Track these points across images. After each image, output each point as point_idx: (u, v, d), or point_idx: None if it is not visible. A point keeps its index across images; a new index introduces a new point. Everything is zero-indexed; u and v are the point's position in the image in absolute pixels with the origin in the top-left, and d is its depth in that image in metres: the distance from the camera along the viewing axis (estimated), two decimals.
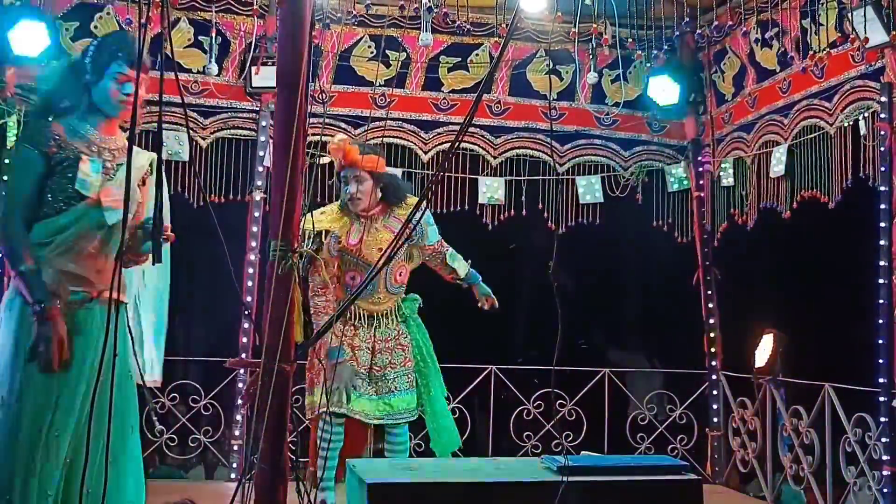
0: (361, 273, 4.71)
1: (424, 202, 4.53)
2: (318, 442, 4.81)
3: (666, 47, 6.43)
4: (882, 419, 5.05)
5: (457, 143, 4.11)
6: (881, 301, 5.07)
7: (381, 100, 6.50)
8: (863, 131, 5.27)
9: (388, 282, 4.78)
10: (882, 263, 5.08)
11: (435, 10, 5.91)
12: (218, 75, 6.25)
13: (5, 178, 5.90)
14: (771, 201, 6.06)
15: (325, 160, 6.28)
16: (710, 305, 6.73)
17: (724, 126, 6.59)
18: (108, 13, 6.10)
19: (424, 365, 4.90)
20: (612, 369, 6.97)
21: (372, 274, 3.94)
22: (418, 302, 4.97)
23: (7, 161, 5.93)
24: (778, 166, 5.94)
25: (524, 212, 6.70)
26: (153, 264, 4.15)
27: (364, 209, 4.74)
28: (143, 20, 2.99)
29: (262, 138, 6.29)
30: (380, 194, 4.77)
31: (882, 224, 5.08)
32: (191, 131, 6.22)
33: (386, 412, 4.75)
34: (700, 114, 6.78)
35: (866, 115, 5.25)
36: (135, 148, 3.05)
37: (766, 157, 6.09)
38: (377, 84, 6.45)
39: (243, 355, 6.09)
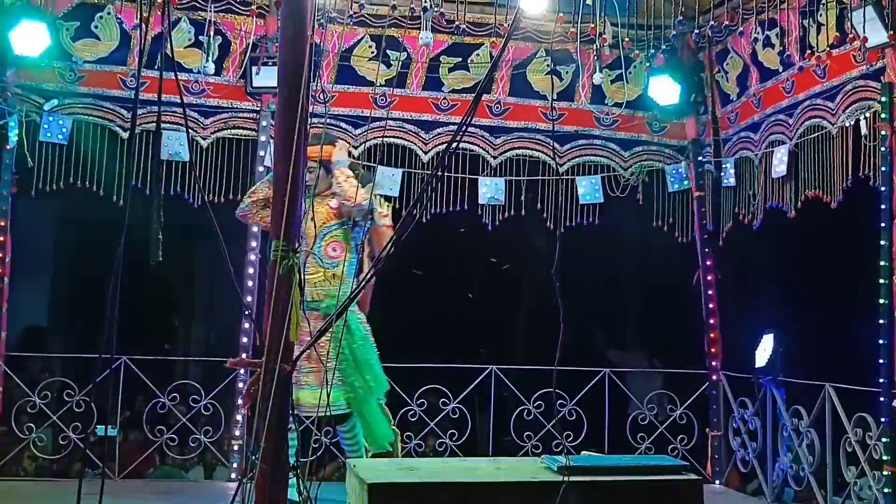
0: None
1: (421, 209, 4.54)
2: None
3: (666, 47, 6.43)
4: (882, 419, 5.05)
5: (455, 143, 4.10)
6: (882, 301, 5.06)
7: (382, 100, 6.50)
8: (864, 131, 5.26)
9: (319, 253, 5.01)
10: (882, 263, 5.07)
11: (434, 10, 5.91)
12: (217, 75, 6.25)
13: (5, 176, 5.92)
14: (776, 201, 6.06)
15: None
16: (710, 305, 6.72)
17: (729, 126, 6.58)
18: (108, 13, 6.09)
19: (347, 364, 4.95)
20: (612, 369, 6.96)
21: (364, 281, 3.92)
22: (360, 318, 5.12)
23: (7, 161, 5.94)
24: (779, 167, 5.93)
25: (524, 212, 6.69)
26: (151, 261, 4.20)
27: (316, 194, 5.07)
28: (143, 20, 3.00)
29: (263, 138, 6.28)
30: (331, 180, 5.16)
31: (882, 224, 5.07)
32: (191, 131, 6.21)
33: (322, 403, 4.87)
34: (700, 114, 6.77)
35: (867, 115, 5.24)
36: None
37: (772, 156, 6.08)
38: (378, 84, 6.45)
39: (243, 355, 6.09)
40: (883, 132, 5.09)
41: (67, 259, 9.59)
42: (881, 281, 5.07)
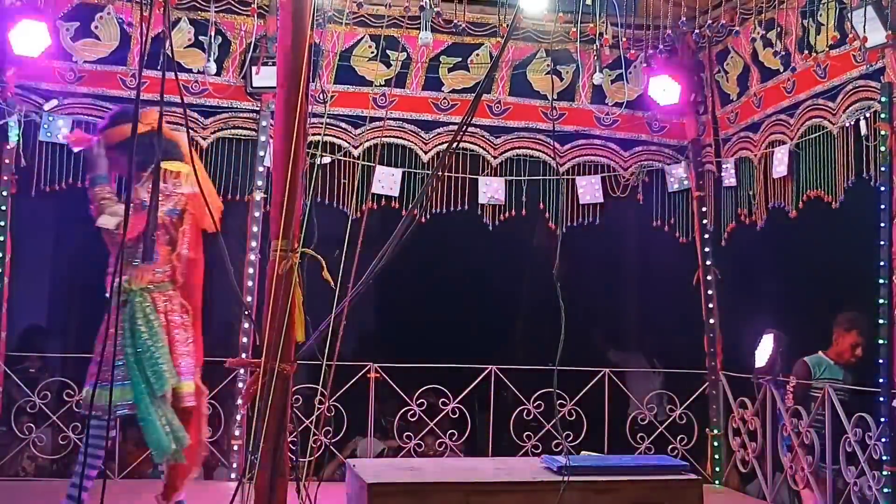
0: None
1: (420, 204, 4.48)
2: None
3: (666, 47, 6.43)
4: (882, 419, 5.05)
5: (455, 143, 4.11)
6: (881, 301, 5.06)
7: (382, 100, 6.50)
8: (864, 131, 5.27)
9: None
10: (882, 263, 5.07)
11: (434, 10, 5.91)
12: (217, 75, 6.25)
13: (5, 176, 5.92)
14: (778, 201, 6.06)
15: (326, 160, 6.31)
16: (710, 305, 6.72)
17: (729, 126, 6.57)
18: (108, 13, 6.09)
19: (127, 358, 4.44)
20: (612, 369, 6.96)
21: (362, 283, 3.81)
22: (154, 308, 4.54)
23: (7, 161, 5.94)
24: (780, 167, 5.93)
25: (524, 212, 6.70)
26: (143, 262, 4.18)
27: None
28: (142, 20, 3.00)
29: (263, 138, 6.29)
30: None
31: (882, 224, 5.08)
32: (191, 131, 6.22)
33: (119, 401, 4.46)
34: (700, 114, 6.78)
35: (867, 114, 5.25)
36: None
37: (773, 156, 6.08)
38: (377, 84, 6.45)
39: (243, 355, 6.09)
40: (883, 132, 5.09)
41: (67, 259, 9.57)
42: (880, 281, 5.07)
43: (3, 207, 5.90)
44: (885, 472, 5.01)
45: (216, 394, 6.35)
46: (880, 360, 5.06)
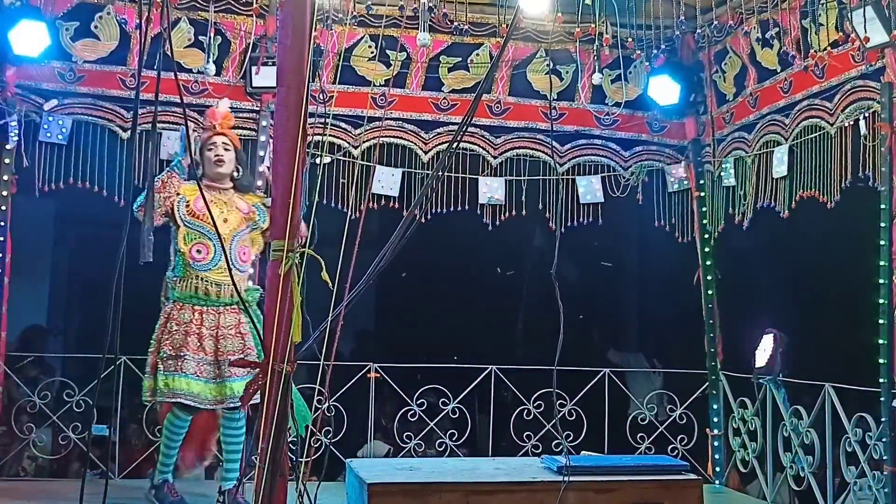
0: (206, 245, 5.00)
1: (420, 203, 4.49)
2: (165, 429, 5.13)
3: (666, 47, 6.43)
4: (882, 419, 5.05)
5: (455, 143, 4.11)
6: (881, 301, 5.06)
7: (382, 100, 6.50)
8: (863, 131, 5.26)
9: (232, 257, 5.03)
10: (882, 263, 5.07)
11: (434, 11, 5.91)
12: (217, 75, 6.24)
13: (5, 176, 5.91)
14: (769, 201, 6.05)
15: (326, 160, 6.31)
16: (710, 305, 6.72)
17: (724, 126, 6.57)
18: (108, 13, 6.09)
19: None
20: (612, 369, 6.96)
21: (359, 288, 3.79)
22: (259, 293, 5.08)
23: (7, 161, 5.94)
24: (780, 166, 5.92)
25: (524, 212, 6.69)
26: (140, 262, 4.25)
27: (223, 176, 5.21)
28: (142, 20, 3.00)
29: (262, 138, 6.28)
30: (236, 172, 5.25)
31: (882, 224, 5.07)
32: (190, 131, 6.20)
33: (225, 395, 4.99)
34: (700, 114, 6.78)
35: (867, 115, 5.24)
36: None
37: (767, 157, 6.08)
38: (377, 84, 6.44)
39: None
40: (882, 132, 5.09)
41: (67, 259, 9.58)
42: (881, 281, 5.07)
43: (3, 207, 5.89)
44: (885, 472, 5.02)
45: None
46: (881, 360, 5.06)
